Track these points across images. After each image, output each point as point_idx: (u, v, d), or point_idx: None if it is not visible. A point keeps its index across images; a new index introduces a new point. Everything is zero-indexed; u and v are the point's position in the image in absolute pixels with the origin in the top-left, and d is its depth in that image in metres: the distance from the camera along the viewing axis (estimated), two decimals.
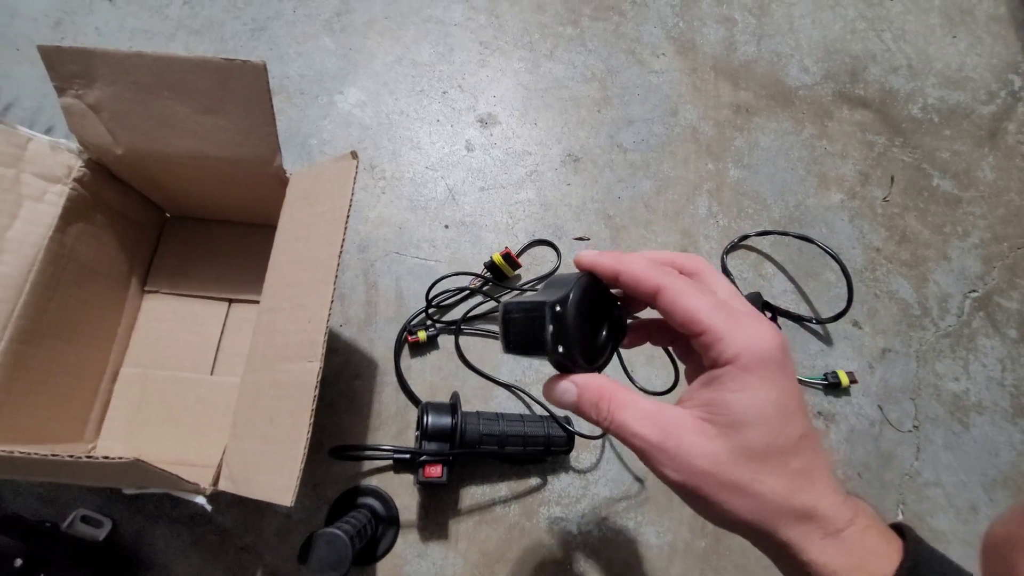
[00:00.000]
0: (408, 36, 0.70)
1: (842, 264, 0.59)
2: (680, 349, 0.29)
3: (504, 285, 0.59)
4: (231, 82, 0.40)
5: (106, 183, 0.48)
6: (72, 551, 0.43)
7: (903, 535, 0.23)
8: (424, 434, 0.47)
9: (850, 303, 0.58)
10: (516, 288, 0.59)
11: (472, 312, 0.57)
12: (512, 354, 0.26)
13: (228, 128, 0.42)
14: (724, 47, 0.73)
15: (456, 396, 0.51)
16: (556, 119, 0.67)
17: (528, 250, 0.61)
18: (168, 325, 0.53)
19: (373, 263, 0.59)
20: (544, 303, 0.24)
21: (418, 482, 0.47)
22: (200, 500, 0.36)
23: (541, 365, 0.56)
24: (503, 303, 0.26)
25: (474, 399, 0.55)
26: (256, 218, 0.56)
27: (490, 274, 0.57)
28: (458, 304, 0.58)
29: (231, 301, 0.55)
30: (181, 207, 0.56)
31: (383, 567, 0.49)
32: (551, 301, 0.24)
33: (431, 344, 0.56)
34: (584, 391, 0.25)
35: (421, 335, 0.55)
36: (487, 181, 0.64)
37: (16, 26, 0.66)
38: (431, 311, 0.56)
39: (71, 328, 0.46)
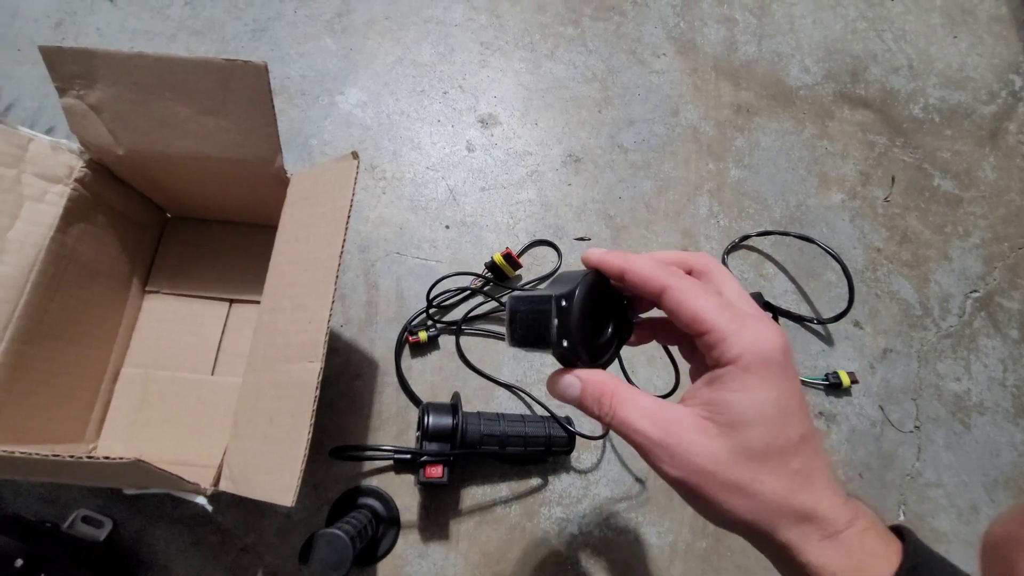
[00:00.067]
0: (409, 36, 0.70)
1: (843, 264, 0.59)
2: (685, 349, 0.29)
3: (505, 285, 0.59)
4: (232, 83, 0.40)
5: (107, 183, 0.48)
6: (73, 551, 0.43)
7: (903, 538, 0.23)
8: (425, 434, 0.47)
9: (851, 303, 0.58)
10: (517, 288, 0.59)
11: (473, 312, 0.57)
12: (517, 347, 0.27)
13: (229, 128, 0.42)
14: (725, 47, 0.73)
15: (457, 396, 0.51)
16: (557, 119, 0.68)
17: (529, 250, 0.61)
18: (169, 325, 0.53)
19: (374, 263, 0.59)
20: (550, 296, 0.25)
21: (419, 482, 0.47)
22: (201, 500, 0.36)
23: (542, 366, 0.56)
24: (510, 297, 0.27)
25: (475, 399, 0.55)
26: (257, 218, 0.56)
27: (491, 274, 0.57)
28: (459, 304, 0.58)
29: (232, 301, 0.55)
30: (182, 207, 0.56)
31: (384, 567, 0.49)
32: (557, 295, 0.24)
33: (432, 344, 0.56)
34: (587, 386, 0.25)
35: (422, 335, 0.55)
36: (488, 181, 0.64)
37: (17, 27, 0.66)
38: (432, 311, 0.56)
39: (72, 328, 0.46)
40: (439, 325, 0.56)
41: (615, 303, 0.27)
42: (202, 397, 0.51)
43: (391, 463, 0.52)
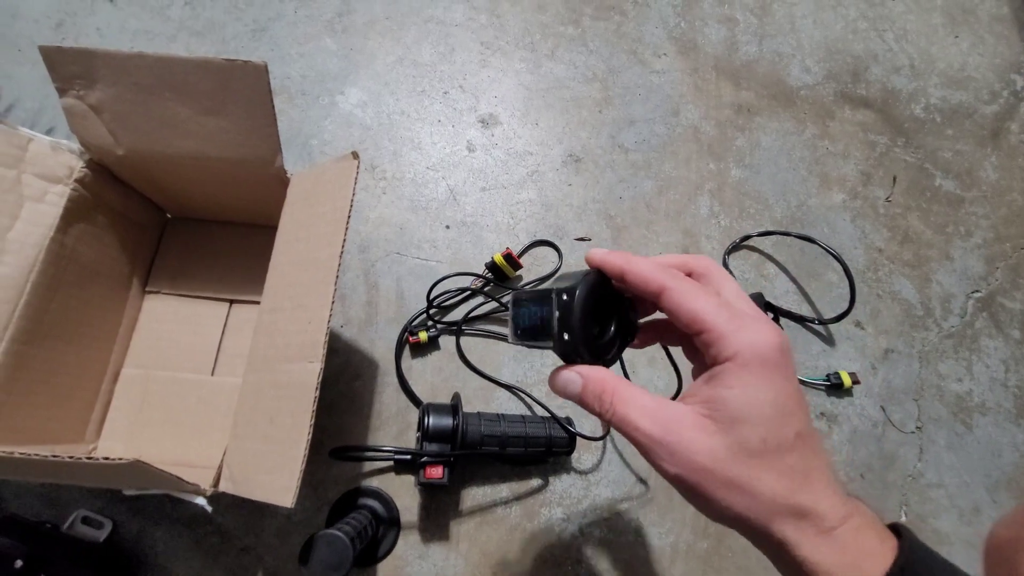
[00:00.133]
0: (409, 36, 0.70)
1: (844, 264, 0.59)
2: (688, 349, 0.29)
3: (505, 286, 0.59)
4: (232, 83, 0.40)
5: (107, 184, 0.48)
6: (73, 552, 0.43)
7: (900, 536, 0.23)
8: (425, 435, 0.47)
9: (852, 303, 0.58)
10: (519, 287, 0.59)
11: (473, 313, 0.57)
12: (519, 343, 0.28)
13: (229, 129, 0.42)
14: (726, 47, 0.73)
15: (457, 397, 0.51)
16: (557, 119, 0.67)
17: (529, 250, 0.61)
18: (169, 326, 0.53)
19: (374, 263, 0.59)
20: (552, 290, 0.26)
21: (419, 483, 0.47)
22: (200, 501, 0.36)
23: (542, 366, 0.56)
24: (513, 293, 0.27)
25: (475, 400, 0.55)
26: (257, 219, 0.56)
27: (491, 275, 0.57)
28: (459, 305, 0.58)
29: (232, 302, 0.55)
30: (182, 208, 0.56)
31: (384, 568, 0.49)
32: (559, 289, 0.25)
33: (432, 345, 0.56)
34: (588, 383, 0.26)
35: (422, 336, 0.55)
36: (488, 181, 0.64)
37: (17, 27, 0.66)
38: (432, 312, 0.56)
39: (72, 329, 0.46)
40: (439, 325, 0.56)
41: (618, 304, 0.28)
42: (202, 398, 0.51)
43: (391, 464, 0.52)
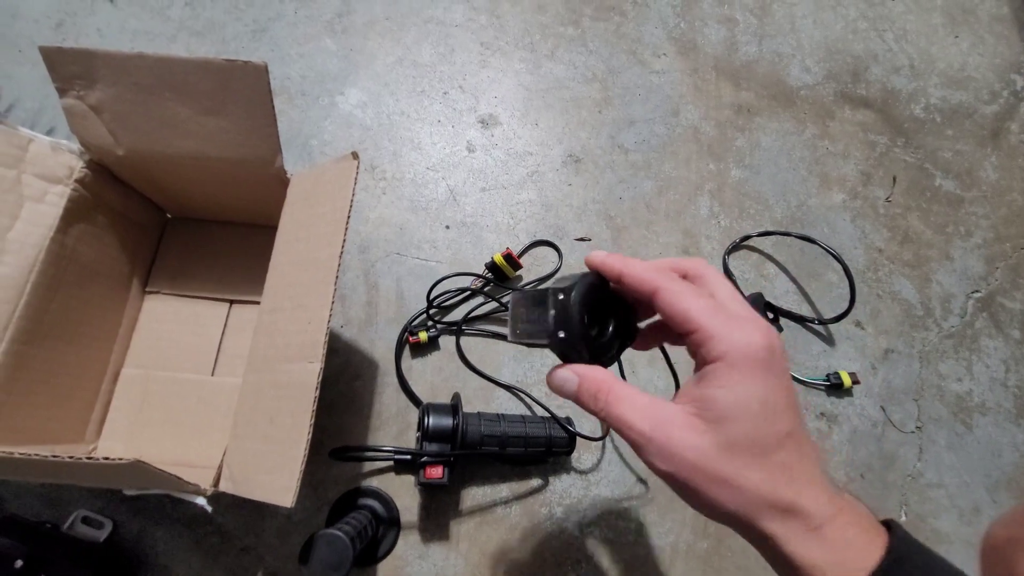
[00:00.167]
0: (409, 37, 0.70)
1: (844, 264, 0.59)
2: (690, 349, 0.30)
3: (505, 286, 0.59)
4: (232, 83, 0.40)
5: (107, 184, 0.48)
6: (73, 552, 0.43)
7: (892, 532, 0.23)
8: (425, 435, 0.47)
9: (852, 304, 0.58)
10: (518, 288, 0.59)
11: (473, 313, 0.57)
12: (518, 340, 0.29)
13: (229, 129, 0.42)
14: (725, 47, 0.73)
15: (457, 397, 0.51)
16: (557, 120, 0.67)
17: (529, 251, 0.61)
18: (169, 326, 0.53)
19: (374, 264, 0.59)
20: (548, 290, 0.26)
21: (419, 483, 0.47)
22: (201, 501, 0.36)
23: (542, 366, 0.56)
24: (513, 291, 0.28)
25: (475, 400, 0.55)
26: (257, 219, 0.56)
27: (491, 275, 0.57)
28: (459, 305, 0.58)
29: (232, 302, 0.55)
30: (182, 208, 0.56)
31: (384, 568, 0.49)
32: (556, 288, 0.26)
33: (432, 345, 0.56)
34: (584, 382, 0.26)
35: (422, 336, 0.55)
36: (488, 182, 0.64)
37: (18, 27, 0.66)
38: (432, 312, 0.56)
39: (72, 329, 0.46)
40: (439, 326, 0.56)
41: (617, 306, 0.29)
42: (202, 398, 0.51)
43: (391, 464, 0.52)
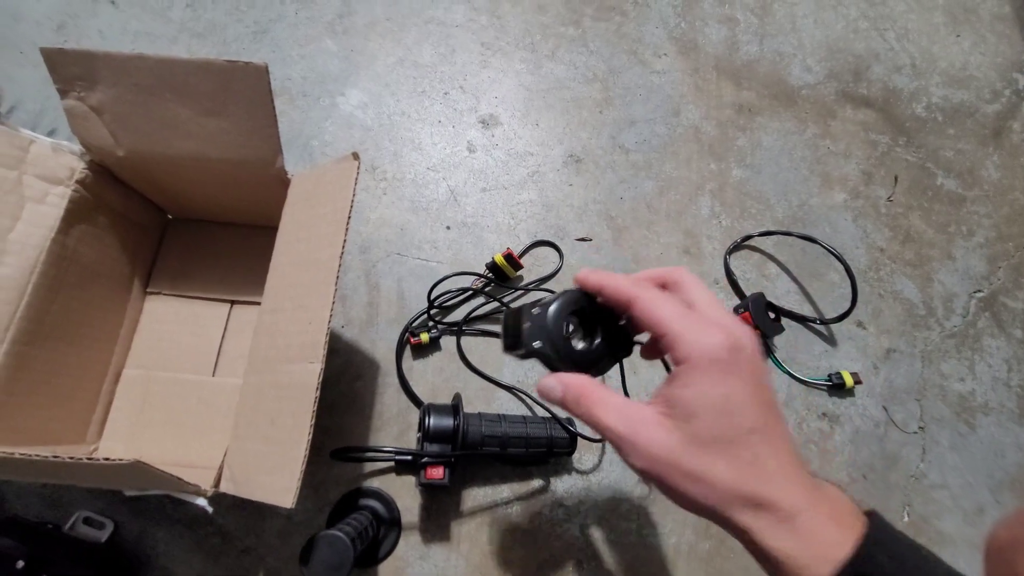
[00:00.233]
0: (410, 38, 0.70)
1: (846, 264, 0.59)
2: None
3: (506, 286, 0.59)
4: (233, 84, 0.40)
5: (108, 185, 0.48)
6: (74, 553, 0.44)
7: (870, 522, 0.24)
8: (426, 436, 0.47)
9: (854, 303, 0.58)
10: (519, 288, 0.59)
11: (474, 313, 0.57)
12: (508, 353, 0.31)
13: (230, 130, 0.42)
14: (726, 47, 0.73)
15: (458, 397, 0.50)
16: (558, 120, 0.67)
17: (530, 251, 0.61)
18: (170, 327, 0.53)
19: (375, 264, 0.59)
20: (525, 304, 0.28)
21: (420, 484, 0.47)
22: (201, 502, 0.36)
23: (543, 367, 0.56)
24: (506, 308, 0.31)
25: (476, 400, 0.55)
26: (258, 220, 0.56)
27: (492, 275, 0.57)
28: (460, 305, 0.58)
29: (233, 303, 0.55)
30: (183, 209, 0.56)
31: (385, 569, 0.48)
32: (533, 303, 0.28)
33: (433, 345, 0.56)
34: (567, 389, 0.29)
35: (423, 336, 0.55)
36: (489, 182, 0.64)
37: (19, 29, 0.66)
38: (433, 312, 0.56)
39: (73, 330, 0.46)
40: (440, 326, 0.56)
41: (606, 320, 0.30)
42: (203, 398, 0.51)
43: (392, 464, 0.51)
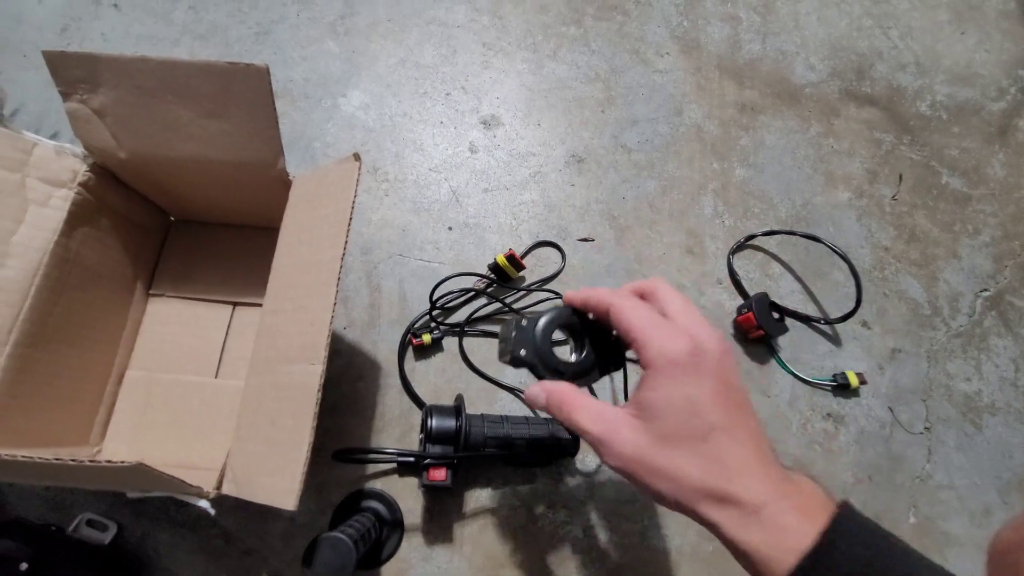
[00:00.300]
0: (411, 38, 0.70)
1: (850, 263, 0.58)
2: None
3: (508, 287, 0.58)
4: (235, 86, 0.40)
5: (111, 187, 0.48)
6: (77, 555, 0.44)
7: (838, 513, 0.25)
8: (428, 437, 0.46)
9: (859, 303, 0.57)
10: (521, 289, 0.58)
11: (476, 314, 0.56)
12: (500, 360, 0.33)
13: (231, 132, 0.42)
14: (729, 46, 0.73)
15: (460, 399, 0.50)
16: (560, 120, 0.67)
17: (532, 251, 0.61)
18: (173, 328, 0.54)
19: (376, 265, 0.59)
20: (514, 317, 0.32)
21: (422, 485, 0.47)
22: (204, 504, 0.36)
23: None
24: (503, 321, 0.33)
25: (478, 402, 0.54)
26: (260, 221, 0.56)
27: (494, 276, 0.57)
28: (462, 306, 0.58)
29: (235, 304, 0.55)
30: (185, 211, 0.56)
31: (387, 571, 0.48)
32: (521, 317, 0.31)
33: (435, 346, 0.56)
34: (550, 395, 0.31)
35: (425, 337, 0.55)
36: (491, 182, 0.63)
37: (22, 32, 0.67)
38: (435, 313, 0.56)
39: (76, 332, 0.46)
40: (442, 327, 0.56)
41: (599, 336, 0.33)
42: (205, 400, 0.51)
43: (394, 466, 0.51)
